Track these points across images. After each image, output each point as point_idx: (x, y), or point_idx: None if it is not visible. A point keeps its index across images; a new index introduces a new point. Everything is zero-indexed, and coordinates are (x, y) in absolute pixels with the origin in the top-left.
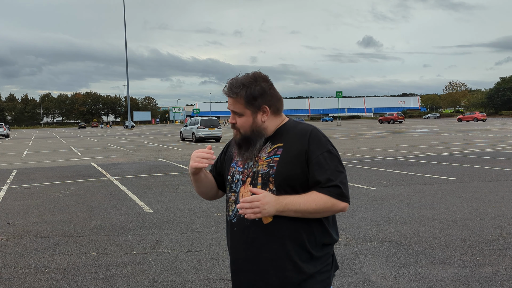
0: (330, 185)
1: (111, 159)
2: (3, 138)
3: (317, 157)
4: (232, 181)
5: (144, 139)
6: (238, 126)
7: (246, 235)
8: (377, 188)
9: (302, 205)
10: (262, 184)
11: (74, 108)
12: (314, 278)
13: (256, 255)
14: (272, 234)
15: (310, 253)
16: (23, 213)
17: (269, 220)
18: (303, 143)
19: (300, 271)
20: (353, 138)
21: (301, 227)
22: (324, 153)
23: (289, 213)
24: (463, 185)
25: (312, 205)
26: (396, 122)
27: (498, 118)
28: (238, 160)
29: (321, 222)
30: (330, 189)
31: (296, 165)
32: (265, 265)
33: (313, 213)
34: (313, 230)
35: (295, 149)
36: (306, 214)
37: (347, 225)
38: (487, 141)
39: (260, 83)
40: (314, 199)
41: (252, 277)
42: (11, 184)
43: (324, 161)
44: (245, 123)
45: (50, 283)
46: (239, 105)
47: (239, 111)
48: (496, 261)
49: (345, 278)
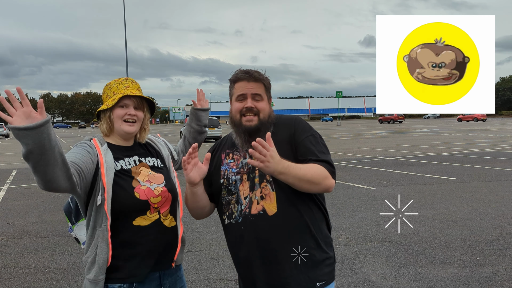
0: (322, 159)
1: None
2: (3, 138)
3: (303, 140)
4: (228, 183)
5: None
6: (259, 109)
7: (253, 230)
8: (377, 188)
9: (302, 169)
10: (259, 177)
11: (74, 108)
12: (321, 270)
13: (265, 247)
14: (279, 224)
15: (317, 241)
16: (23, 213)
17: (274, 211)
18: (289, 128)
19: (309, 259)
20: (353, 138)
21: (305, 214)
22: (309, 136)
23: (288, 176)
24: (463, 185)
25: (311, 172)
26: (396, 122)
27: (498, 118)
28: (230, 161)
29: (321, 210)
30: (324, 163)
31: (284, 150)
32: (275, 255)
33: (309, 181)
34: (316, 217)
35: (283, 135)
36: (303, 181)
37: (347, 225)
38: (487, 141)
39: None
40: (312, 167)
41: (263, 268)
42: (11, 184)
43: (310, 143)
44: (266, 107)
45: (50, 283)
46: (261, 89)
47: (261, 93)
48: (496, 261)
49: (345, 278)
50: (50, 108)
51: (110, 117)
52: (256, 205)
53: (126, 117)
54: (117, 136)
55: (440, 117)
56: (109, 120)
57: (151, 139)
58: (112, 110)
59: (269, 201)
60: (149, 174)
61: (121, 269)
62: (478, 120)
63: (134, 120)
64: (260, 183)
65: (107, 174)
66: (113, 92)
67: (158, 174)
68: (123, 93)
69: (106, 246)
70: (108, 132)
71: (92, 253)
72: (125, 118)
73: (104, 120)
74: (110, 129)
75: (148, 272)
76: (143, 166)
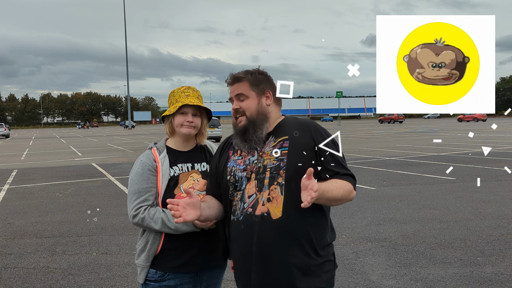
0: (348, 173)
1: (111, 159)
2: (3, 138)
3: (328, 147)
4: (235, 180)
5: (144, 139)
6: (244, 108)
7: (254, 230)
8: (377, 188)
9: (334, 191)
10: (269, 178)
11: (74, 108)
12: (320, 277)
13: (264, 251)
14: (281, 229)
15: (316, 251)
16: (23, 213)
17: (278, 216)
18: (309, 135)
19: (307, 268)
20: (353, 138)
21: (309, 223)
22: (330, 143)
23: (321, 200)
24: (463, 185)
25: (340, 192)
26: (396, 122)
27: (498, 118)
28: (238, 158)
29: (326, 219)
30: (349, 178)
31: (306, 156)
32: (273, 260)
33: (339, 200)
34: (319, 226)
35: (302, 140)
36: (334, 201)
37: (347, 225)
38: (488, 141)
39: (266, 74)
40: (341, 186)
41: (260, 272)
42: (11, 184)
43: (335, 150)
44: (251, 104)
45: (51, 283)
46: (245, 88)
47: (244, 92)
48: (496, 261)
49: (345, 278)
50: (50, 108)
51: (172, 122)
52: (261, 206)
53: (184, 124)
54: (178, 139)
55: (440, 117)
56: (171, 124)
57: (210, 145)
58: (174, 116)
59: (275, 205)
60: (194, 182)
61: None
62: (478, 120)
63: (192, 126)
64: (270, 185)
65: (162, 181)
66: (175, 99)
67: (203, 181)
68: (183, 101)
69: (158, 238)
70: (171, 134)
71: (143, 242)
72: (184, 124)
73: (167, 124)
74: (172, 131)
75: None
76: (194, 173)
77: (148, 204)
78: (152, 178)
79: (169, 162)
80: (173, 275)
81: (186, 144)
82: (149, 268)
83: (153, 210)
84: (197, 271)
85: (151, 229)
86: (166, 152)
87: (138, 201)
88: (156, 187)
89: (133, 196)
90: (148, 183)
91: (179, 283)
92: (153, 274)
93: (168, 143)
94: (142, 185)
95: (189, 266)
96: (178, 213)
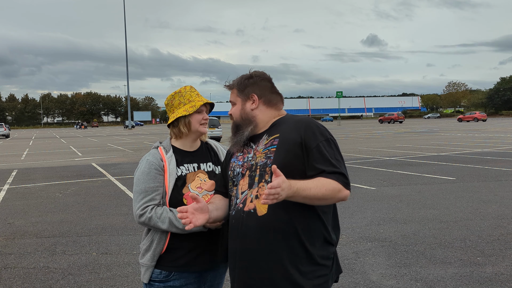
0: (336, 171)
1: (111, 159)
2: (4, 138)
3: (316, 146)
4: (233, 175)
5: (144, 139)
6: (231, 113)
7: (241, 226)
8: (377, 188)
9: (312, 190)
10: (259, 176)
11: (74, 108)
12: (309, 281)
13: (248, 247)
14: (266, 226)
15: (306, 250)
16: (23, 213)
17: (264, 212)
18: (299, 132)
19: (294, 267)
20: (353, 138)
21: (296, 221)
22: (323, 141)
23: (297, 198)
24: (463, 185)
25: (322, 190)
26: (396, 122)
27: (498, 118)
28: (239, 154)
29: (319, 219)
30: (337, 175)
31: (293, 153)
32: (256, 257)
33: (321, 199)
34: (310, 226)
35: (291, 138)
36: (315, 200)
37: (347, 225)
38: (488, 141)
39: (253, 77)
40: (323, 184)
41: (242, 268)
42: (11, 184)
43: (324, 149)
44: (236, 110)
45: (51, 283)
46: (233, 95)
47: (233, 100)
48: (497, 261)
49: (345, 278)
50: (50, 108)
51: (189, 122)
52: (249, 203)
53: (202, 122)
54: (187, 139)
55: (440, 117)
56: (188, 125)
57: (215, 144)
58: (191, 115)
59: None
60: (202, 182)
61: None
62: (478, 120)
63: (207, 123)
64: (259, 183)
65: (169, 180)
66: (187, 99)
67: (211, 181)
68: (199, 100)
69: (164, 237)
70: (183, 135)
71: (148, 241)
72: (201, 122)
73: (183, 124)
74: (187, 132)
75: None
76: (200, 172)
77: (155, 203)
78: (159, 177)
79: (175, 163)
80: (178, 275)
81: (194, 144)
82: (154, 268)
83: (160, 210)
84: (202, 271)
85: (158, 228)
86: (173, 152)
87: (144, 200)
88: (163, 187)
89: (139, 195)
90: (155, 182)
91: (184, 284)
92: (158, 274)
93: (173, 142)
94: (148, 184)
95: (195, 266)
96: (188, 219)
